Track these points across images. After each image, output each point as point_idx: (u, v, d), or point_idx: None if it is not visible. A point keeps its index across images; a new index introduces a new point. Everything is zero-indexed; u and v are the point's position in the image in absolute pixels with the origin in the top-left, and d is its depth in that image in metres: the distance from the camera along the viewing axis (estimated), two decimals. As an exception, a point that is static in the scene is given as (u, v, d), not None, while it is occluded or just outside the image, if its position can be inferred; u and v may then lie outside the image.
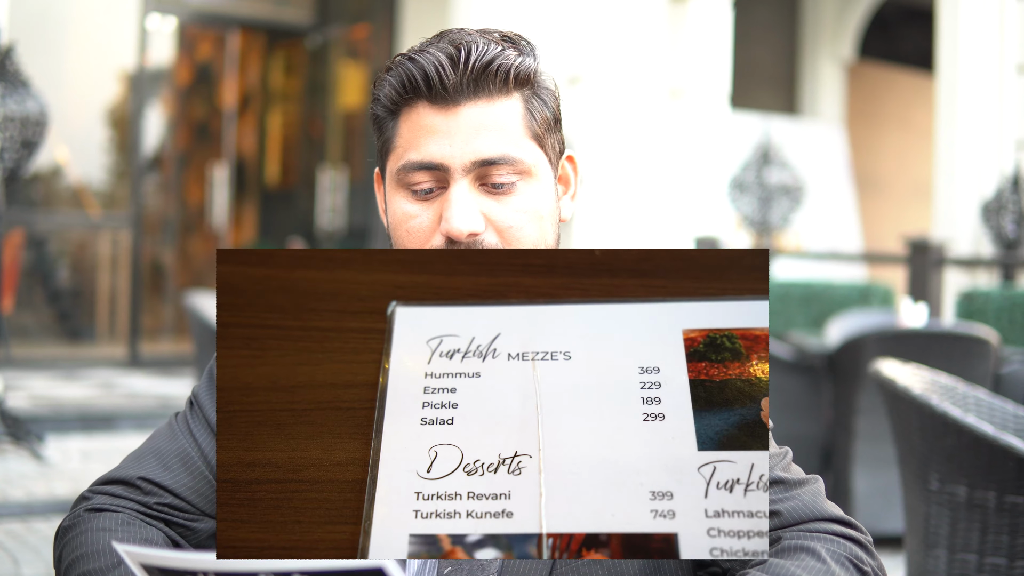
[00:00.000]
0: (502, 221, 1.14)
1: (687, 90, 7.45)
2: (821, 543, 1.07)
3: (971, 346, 4.20)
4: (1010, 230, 6.62)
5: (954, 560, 2.34)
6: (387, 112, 1.18)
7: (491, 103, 1.14)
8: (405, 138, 1.16)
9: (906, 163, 12.04)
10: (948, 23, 7.32)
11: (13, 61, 5.24)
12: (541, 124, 1.17)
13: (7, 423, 5.20)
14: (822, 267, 9.38)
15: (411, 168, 1.14)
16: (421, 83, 1.13)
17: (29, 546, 3.99)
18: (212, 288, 7.78)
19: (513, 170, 1.14)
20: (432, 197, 1.15)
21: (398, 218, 1.17)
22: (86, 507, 1.17)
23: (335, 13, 9.77)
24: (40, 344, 8.65)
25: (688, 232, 7.29)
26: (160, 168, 9.75)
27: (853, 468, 4.30)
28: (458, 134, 1.13)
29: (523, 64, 1.15)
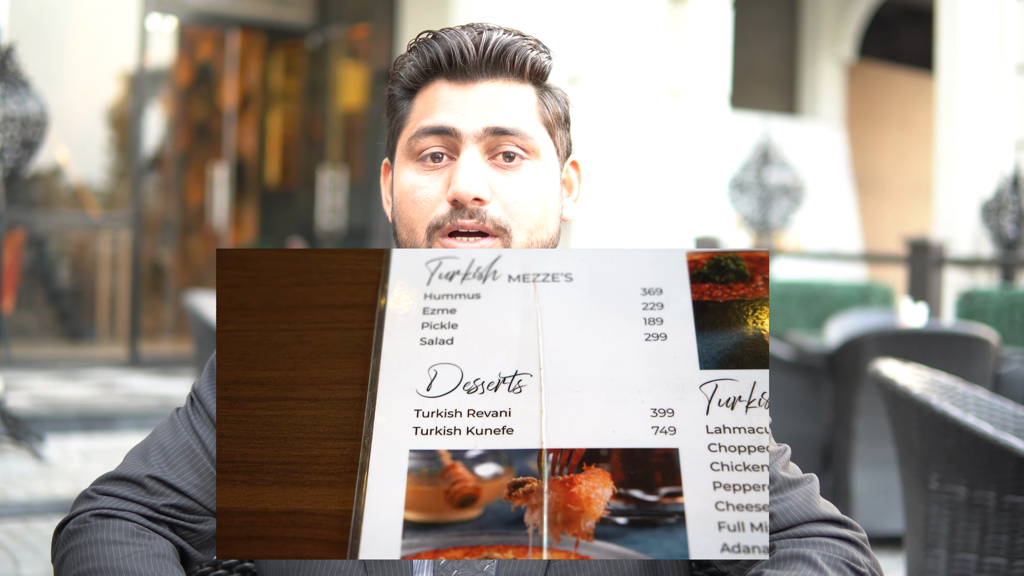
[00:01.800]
0: (507, 195, 1.17)
1: (687, 90, 7.45)
2: (816, 549, 1.07)
3: (971, 346, 4.20)
4: (1010, 230, 6.62)
5: (954, 560, 2.34)
6: (404, 92, 1.22)
7: (507, 85, 1.18)
8: (419, 111, 1.19)
9: (906, 163, 12.04)
10: (948, 23, 7.32)
11: (13, 61, 5.24)
12: (552, 116, 1.22)
13: (7, 423, 5.20)
14: (822, 267, 9.38)
15: (423, 133, 1.17)
16: (443, 59, 1.17)
17: (29, 546, 3.99)
18: (212, 288, 7.78)
19: (523, 145, 1.18)
20: (440, 167, 1.17)
21: (405, 190, 1.19)
22: (92, 511, 1.16)
23: (335, 13, 9.77)
24: (40, 344, 8.66)
25: (688, 232, 7.29)
26: (160, 168, 9.75)
27: (853, 468, 4.30)
28: (472, 105, 1.17)
29: (540, 58, 1.20)
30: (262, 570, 1.22)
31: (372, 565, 1.14)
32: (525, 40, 1.20)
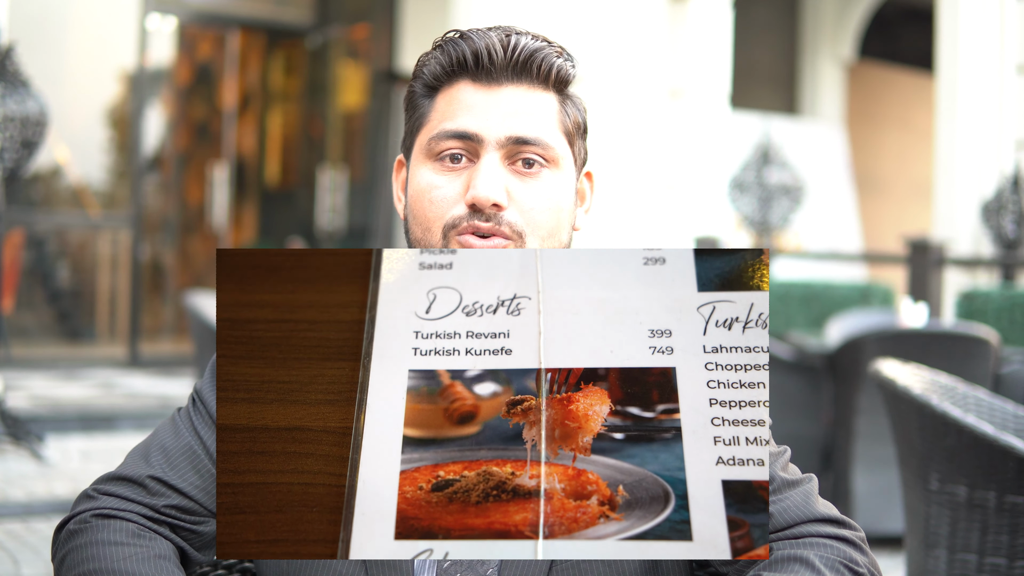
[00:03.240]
0: (525, 201, 1.17)
1: (687, 90, 7.45)
2: (813, 550, 1.07)
3: (971, 346, 4.20)
4: (1010, 230, 6.62)
5: (954, 560, 2.34)
6: (426, 89, 1.21)
7: (531, 91, 1.18)
8: (441, 111, 1.19)
9: (906, 163, 12.04)
10: (948, 23, 7.32)
11: (13, 61, 5.24)
12: (572, 125, 1.22)
13: (7, 423, 5.20)
14: (822, 267, 9.38)
15: (444, 136, 1.17)
16: (470, 59, 1.17)
17: (29, 546, 3.99)
18: (212, 288, 7.78)
19: (544, 155, 1.18)
20: (459, 168, 1.17)
21: (421, 188, 1.19)
22: (93, 511, 1.16)
23: (335, 13, 9.77)
24: (40, 344, 8.66)
25: (688, 232, 7.29)
26: (160, 168, 9.75)
27: (853, 468, 4.30)
28: (496, 110, 1.17)
29: (565, 66, 1.20)
30: (262, 570, 1.21)
31: (373, 566, 1.14)
32: (551, 47, 1.19)
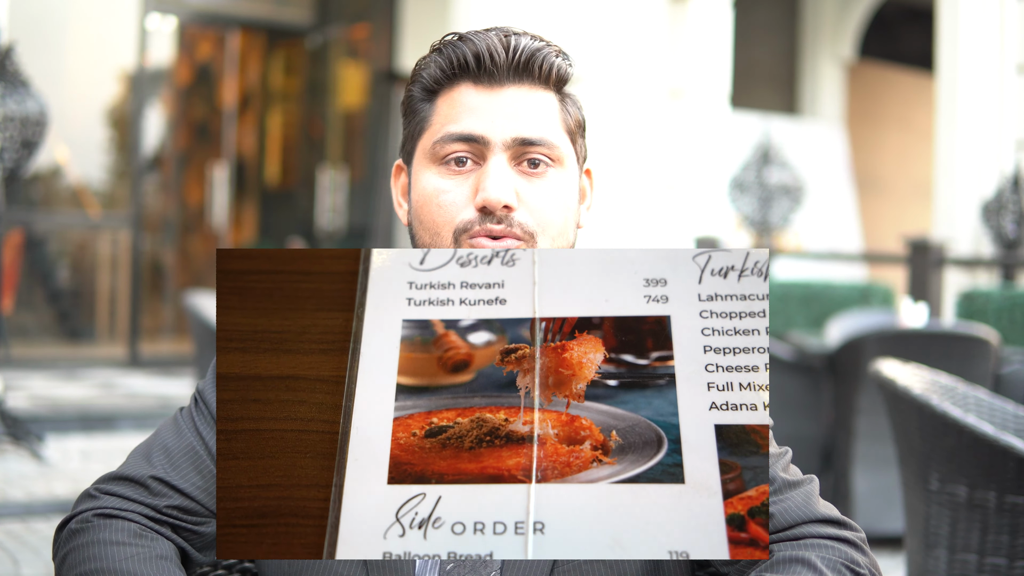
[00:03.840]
0: (533, 201, 1.17)
1: (687, 90, 7.45)
2: (815, 551, 1.07)
3: (971, 346, 4.20)
4: (1010, 230, 6.62)
5: (954, 560, 2.34)
6: (425, 93, 1.21)
7: (533, 91, 1.19)
8: (444, 114, 1.19)
9: (906, 163, 12.04)
10: (948, 23, 7.32)
11: (13, 61, 5.24)
12: (573, 123, 1.23)
13: (7, 423, 5.20)
14: (822, 267, 9.38)
15: (449, 139, 1.17)
16: (471, 61, 1.16)
17: (29, 546, 3.99)
18: (212, 288, 7.78)
19: (549, 154, 1.18)
20: (465, 171, 1.17)
21: (428, 193, 1.18)
22: (94, 510, 1.16)
23: (335, 13, 9.77)
24: (40, 344, 8.65)
25: (688, 232, 7.29)
26: (160, 168, 9.75)
27: (853, 468, 4.30)
28: (500, 112, 1.16)
29: (563, 65, 1.21)
30: (262, 570, 1.21)
31: (374, 567, 1.14)
32: (550, 47, 1.20)
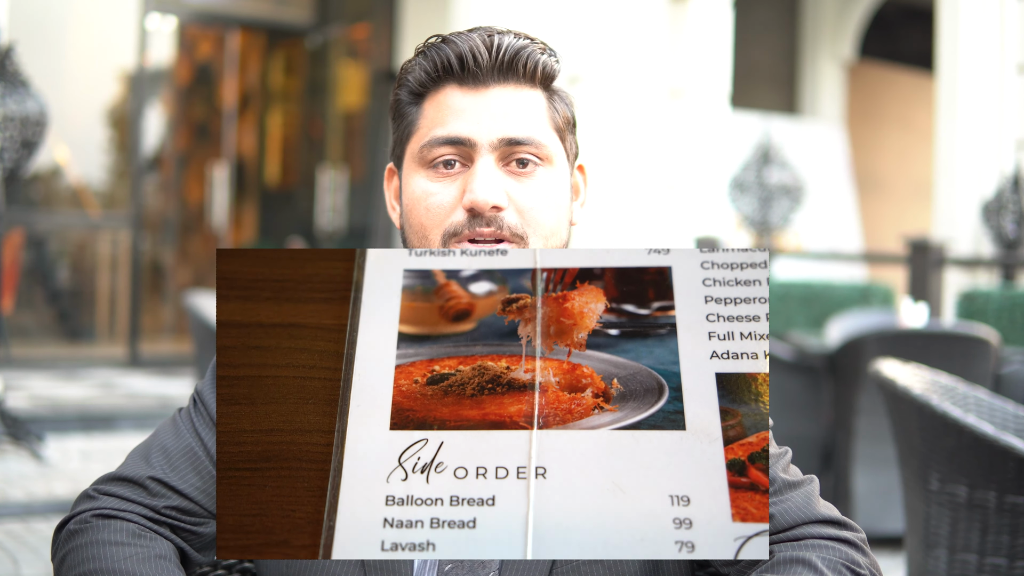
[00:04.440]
0: (523, 201, 1.17)
1: (687, 90, 7.45)
2: (815, 552, 1.07)
3: (971, 346, 4.20)
4: (1010, 230, 6.61)
5: (954, 560, 2.34)
6: (412, 96, 1.21)
7: (519, 90, 1.18)
8: (430, 118, 1.18)
9: (906, 163, 12.04)
10: (948, 23, 7.32)
11: (13, 61, 5.23)
12: (562, 120, 1.22)
13: (7, 423, 5.20)
14: (822, 267, 9.38)
15: (436, 143, 1.17)
16: (455, 63, 1.16)
17: (29, 546, 3.99)
18: (212, 288, 7.78)
19: (537, 153, 1.18)
20: (453, 174, 1.17)
21: (416, 197, 1.18)
22: (93, 511, 1.16)
23: (335, 13, 9.77)
24: (40, 344, 8.65)
25: (688, 232, 7.29)
26: (160, 168, 9.75)
27: (853, 468, 4.30)
28: (486, 113, 1.16)
29: (549, 62, 1.20)
30: (262, 570, 1.21)
31: (372, 568, 1.13)
32: (534, 44, 1.19)
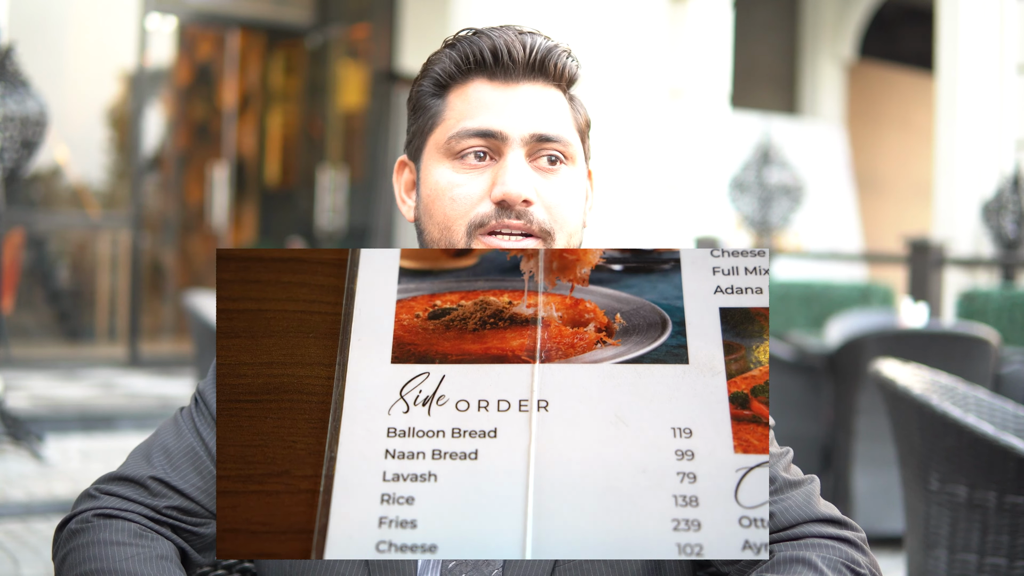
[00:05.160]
0: (550, 198, 1.18)
1: (687, 90, 7.45)
2: (815, 551, 1.07)
3: (971, 346, 4.20)
4: (1010, 230, 6.62)
5: (954, 560, 2.34)
6: (435, 88, 1.21)
7: (546, 88, 1.19)
8: (458, 110, 1.18)
9: (906, 163, 12.04)
10: (948, 23, 7.32)
11: (13, 61, 5.23)
12: (583, 122, 1.24)
13: (7, 423, 5.20)
14: (822, 267, 9.38)
15: (466, 134, 1.17)
16: (488, 56, 1.17)
17: (29, 546, 3.99)
18: (212, 288, 7.77)
19: (564, 151, 1.19)
20: (482, 166, 1.17)
21: (440, 188, 1.18)
22: (94, 510, 1.16)
23: (335, 13, 9.77)
24: (40, 344, 8.65)
25: (688, 232, 7.29)
26: (160, 168, 9.75)
27: (853, 468, 4.30)
28: (517, 108, 1.17)
29: (572, 65, 1.21)
30: (262, 570, 1.21)
31: (376, 567, 1.13)
32: (559, 46, 1.21)
